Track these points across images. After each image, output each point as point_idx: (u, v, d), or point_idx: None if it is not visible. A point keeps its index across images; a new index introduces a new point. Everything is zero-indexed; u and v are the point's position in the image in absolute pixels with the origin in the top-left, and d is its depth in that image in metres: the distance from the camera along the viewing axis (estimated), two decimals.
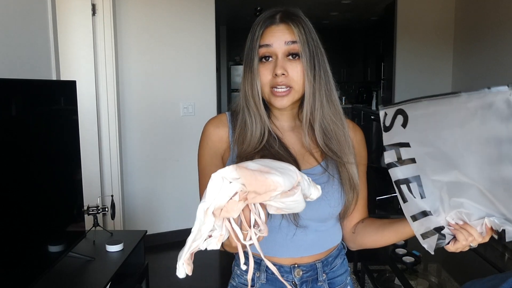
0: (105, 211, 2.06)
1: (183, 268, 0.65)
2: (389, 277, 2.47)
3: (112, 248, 1.95)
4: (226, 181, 0.61)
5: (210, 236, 0.64)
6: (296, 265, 0.92)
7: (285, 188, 0.61)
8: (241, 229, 0.64)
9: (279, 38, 0.84)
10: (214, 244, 0.65)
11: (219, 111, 5.22)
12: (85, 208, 1.98)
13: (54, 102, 1.74)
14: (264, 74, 0.86)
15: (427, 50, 5.24)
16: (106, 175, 3.01)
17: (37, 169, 1.56)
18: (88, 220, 1.99)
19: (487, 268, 2.04)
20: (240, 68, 7.99)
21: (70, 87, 1.80)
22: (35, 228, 1.53)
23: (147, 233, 2.23)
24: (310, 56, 0.85)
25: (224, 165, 0.93)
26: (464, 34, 4.99)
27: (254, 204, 0.64)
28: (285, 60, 0.85)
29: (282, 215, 0.86)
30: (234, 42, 8.11)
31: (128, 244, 2.02)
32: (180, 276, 0.65)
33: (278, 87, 0.85)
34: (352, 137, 0.95)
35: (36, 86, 1.61)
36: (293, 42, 0.84)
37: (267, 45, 0.85)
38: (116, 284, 1.79)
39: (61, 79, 2.14)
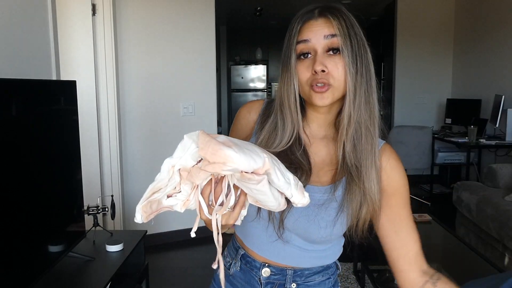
0: (105, 211, 2.06)
1: (139, 214, 0.67)
2: (389, 277, 2.47)
3: (112, 248, 1.95)
4: (194, 145, 0.61)
5: (175, 196, 0.66)
6: (266, 264, 0.91)
7: (239, 166, 0.58)
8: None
9: (317, 33, 0.78)
10: (179, 207, 0.66)
11: (219, 111, 5.21)
12: (85, 208, 1.98)
13: (54, 102, 1.74)
14: (303, 72, 0.79)
15: (427, 50, 5.24)
16: (106, 175, 3.01)
17: (37, 169, 1.56)
18: (88, 220, 1.99)
19: (487, 268, 2.04)
20: (240, 68, 8.00)
21: (70, 87, 1.80)
22: (35, 228, 1.53)
23: (147, 233, 2.23)
24: (352, 50, 0.78)
25: None
26: (464, 34, 4.99)
27: (228, 186, 0.64)
28: (325, 56, 0.78)
29: (270, 219, 0.84)
30: (234, 42, 8.11)
31: (128, 244, 2.02)
32: (136, 221, 0.68)
33: (318, 84, 0.78)
34: (385, 162, 0.86)
35: (36, 86, 1.61)
36: (333, 35, 0.78)
37: (305, 41, 0.79)
38: (116, 284, 1.79)
39: (61, 79, 2.14)
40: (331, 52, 0.78)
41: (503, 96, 3.88)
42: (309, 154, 0.85)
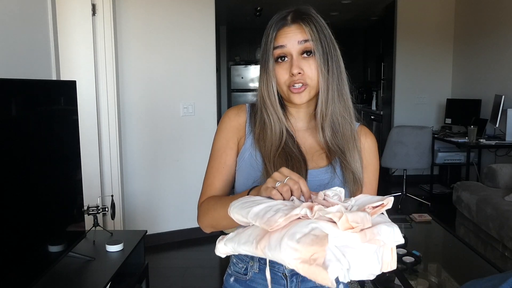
0: (105, 211, 2.06)
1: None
2: (389, 277, 2.46)
3: (112, 248, 1.95)
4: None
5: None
6: None
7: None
8: None
9: (291, 39, 0.88)
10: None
11: (219, 111, 5.21)
12: (85, 208, 1.97)
13: (54, 102, 1.74)
14: (281, 74, 0.89)
15: (427, 50, 5.24)
16: (106, 175, 3.01)
17: (37, 169, 1.56)
18: (88, 220, 1.99)
19: (487, 268, 2.04)
20: (240, 68, 8.00)
21: (70, 87, 1.80)
22: (35, 228, 1.53)
23: (147, 233, 2.23)
24: (323, 52, 0.88)
25: (239, 151, 0.97)
26: (464, 34, 4.99)
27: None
28: (300, 59, 0.88)
29: None
30: (234, 42, 8.10)
31: (128, 244, 2.02)
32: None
33: (295, 85, 0.88)
34: (363, 142, 0.98)
35: (36, 86, 1.61)
36: (306, 40, 0.88)
37: (281, 46, 0.89)
38: (116, 284, 1.79)
39: (61, 79, 2.14)
40: (305, 55, 0.88)
41: (503, 96, 3.88)
42: (298, 144, 0.94)
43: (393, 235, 0.65)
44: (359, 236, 0.62)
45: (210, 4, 3.43)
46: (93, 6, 2.84)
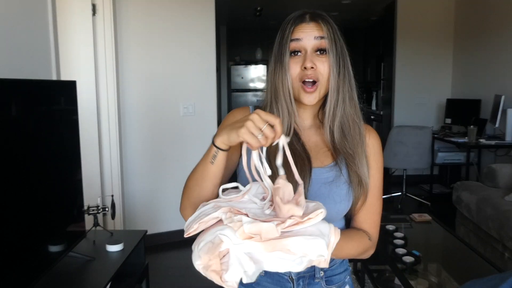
0: (105, 211, 2.06)
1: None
2: (389, 277, 2.47)
3: (112, 248, 1.95)
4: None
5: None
6: None
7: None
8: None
9: (308, 34, 0.90)
10: None
11: (219, 111, 5.21)
12: (85, 208, 1.98)
13: (54, 102, 1.74)
14: (294, 68, 0.90)
15: (427, 50, 5.24)
16: (106, 175, 3.01)
17: (37, 169, 1.56)
18: (88, 220, 1.99)
19: (487, 268, 2.04)
20: (240, 68, 8.00)
21: (70, 87, 1.81)
22: (35, 228, 1.53)
23: (147, 233, 2.23)
24: (337, 53, 0.90)
25: (240, 149, 0.95)
26: (464, 34, 4.99)
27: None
28: (314, 55, 0.89)
29: None
30: (234, 42, 8.10)
31: (128, 244, 2.02)
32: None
33: (307, 80, 0.89)
34: (367, 141, 0.98)
35: (36, 86, 1.61)
36: (322, 37, 0.90)
37: (297, 39, 0.90)
38: (116, 284, 1.79)
39: (61, 79, 2.14)
40: (318, 52, 0.90)
41: (503, 96, 3.88)
42: (303, 142, 0.95)
43: (312, 248, 0.67)
44: (262, 245, 0.65)
45: (210, 4, 3.43)
46: (93, 6, 2.84)
